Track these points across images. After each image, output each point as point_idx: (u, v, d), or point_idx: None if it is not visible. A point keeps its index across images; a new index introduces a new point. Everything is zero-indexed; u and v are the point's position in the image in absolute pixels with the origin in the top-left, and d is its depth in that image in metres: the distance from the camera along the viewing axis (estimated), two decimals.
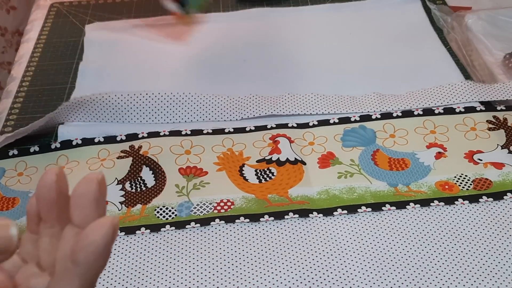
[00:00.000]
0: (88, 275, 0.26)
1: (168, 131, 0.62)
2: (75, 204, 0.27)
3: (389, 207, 0.53)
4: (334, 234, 0.52)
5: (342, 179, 0.56)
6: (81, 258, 0.26)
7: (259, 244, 0.51)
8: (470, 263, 0.49)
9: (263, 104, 0.65)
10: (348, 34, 0.77)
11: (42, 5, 0.88)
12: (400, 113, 0.63)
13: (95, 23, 0.82)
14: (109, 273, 0.49)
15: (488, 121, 0.62)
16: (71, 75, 0.73)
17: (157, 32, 0.79)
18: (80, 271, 0.26)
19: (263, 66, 0.73)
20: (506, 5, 0.80)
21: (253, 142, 0.61)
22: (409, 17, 0.79)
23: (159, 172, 0.58)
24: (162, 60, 0.75)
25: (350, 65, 0.72)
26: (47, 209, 0.28)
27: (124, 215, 0.54)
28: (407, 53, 0.73)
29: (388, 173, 0.57)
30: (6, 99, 0.71)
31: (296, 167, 0.58)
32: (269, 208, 0.54)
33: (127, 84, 0.69)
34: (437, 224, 0.52)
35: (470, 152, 0.58)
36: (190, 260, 0.50)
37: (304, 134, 0.62)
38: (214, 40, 0.78)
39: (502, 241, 0.50)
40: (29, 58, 0.77)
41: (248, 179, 0.57)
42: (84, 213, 0.27)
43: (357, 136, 0.61)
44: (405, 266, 0.49)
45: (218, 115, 0.64)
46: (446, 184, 0.55)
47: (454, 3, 0.82)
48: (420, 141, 0.60)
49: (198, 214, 0.54)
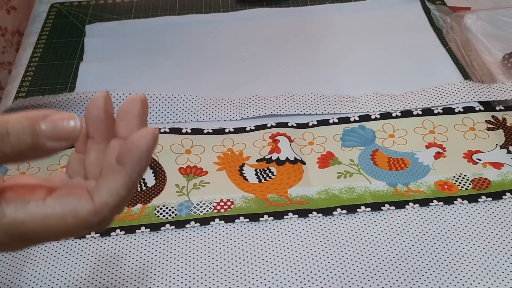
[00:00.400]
0: (131, 175, 0.29)
1: (169, 128, 0.62)
2: (121, 119, 0.31)
3: (388, 207, 0.54)
4: (333, 233, 0.52)
5: (342, 179, 0.56)
6: (126, 159, 0.28)
7: (258, 244, 0.51)
8: (469, 263, 0.49)
9: (263, 104, 0.65)
10: (348, 34, 0.77)
11: (42, 5, 0.88)
12: (399, 113, 0.63)
13: (95, 24, 0.82)
14: (109, 272, 0.50)
15: (487, 121, 0.62)
16: (71, 75, 0.73)
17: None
18: (124, 170, 0.29)
19: (263, 66, 0.73)
20: (506, 5, 0.80)
21: (253, 141, 0.61)
22: (408, 17, 0.80)
23: (160, 172, 0.58)
24: (162, 60, 0.75)
25: (350, 65, 0.72)
26: (95, 127, 0.31)
27: (124, 215, 0.54)
28: (406, 53, 0.73)
29: (387, 173, 0.57)
30: (6, 99, 0.71)
31: (296, 167, 0.58)
32: (269, 208, 0.54)
33: (127, 84, 0.69)
34: (436, 224, 0.52)
35: (469, 152, 0.59)
36: (190, 259, 0.50)
37: (304, 134, 0.62)
38: (214, 40, 0.78)
39: (500, 240, 0.50)
40: (29, 58, 0.77)
41: (248, 179, 0.57)
42: (129, 126, 0.30)
43: (357, 136, 0.61)
44: (405, 266, 0.49)
45: (218, 115, 0.65)
46: (445, 184, 0.55)
47: (454, 3, 0.82)
48: (419, 141, 0.60)
49: (198, 213, 0.54)
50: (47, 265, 0.50)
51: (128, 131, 0.30)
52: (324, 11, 0.83)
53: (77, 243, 0.52)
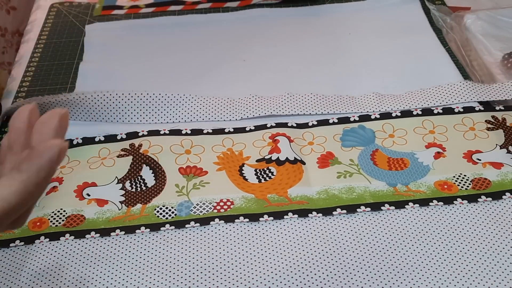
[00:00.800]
0: (27, 183, 0.29)
1: (168, 130, 0.62)
2: (36, 130, 0.31)
3: (388, 207, 0.54)
4: (333, 233, 0.52)
5: (342, 179, 0.56)
6: (25, 166, 0.29)
7: (258, 244, 0.51)
8: (469, 263, 0.49)
9: (262, 104, 0.65)
10: (348, 34, 0.77)
11: (42, 5, 0.88)
12: (399, 113, 0.63)
13: (95, 23, 0.82)
14: (108, 272, 0.50)
15: (487, 121, 0.62)
16: (71, 75, 0.73)
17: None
18: (21, 177, 0.29)
19: (263, 66, 0.73)
20: (506, 5, 0.80)
21: (253, 141, 0.61)
22: (408, 17, 0.80)
23: (159, 172, 0.58)
24: (162, 60, 0.75)
25: (350, 65, 0.72)
26: (15, 137, 0.32)
27: (124, 215, 0.54)
28: (406, 53, 0.73)
29: (387, 173, 0.57)
30: (6, 99, 0.71)
31: (295, 167, 0.58)
32: (269, 208, 0.54)
33: (127, 85, 0.69)
34: (436, 224, 0.52)
35: (469, 152, 0.59)
36: (190, 259, 0.50)
37: (304, 134, 0.62)
38: (214, 40, 0.78)
39: (500, 240, 0.50)
40: (29, 58, 0.77)
41: (248, 179, 0.57)
42: (42, 138, 0.30)
43: (356, 136, 0.61)
44: (404, 266, 0.49)
45: (218, 115, 0.65)
46: (445, 183, 0.55)
47: (453, 3, 0.82)
48: (419, 141, 0.60)
49: (198, 213, 0.54)
50: (47, 265, 0.50)
51: (40, 142, 0.30)
52: (324, 11, 0.83)
53: (77, 243, 0.52)
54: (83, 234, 0.53)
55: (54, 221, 0.54)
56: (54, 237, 0.52)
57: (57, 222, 0.54)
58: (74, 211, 0.55)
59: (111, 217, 0.54)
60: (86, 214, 0.54)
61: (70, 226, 0.53)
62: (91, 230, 0.53)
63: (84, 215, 0.54)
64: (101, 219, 0.54)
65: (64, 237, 0.52)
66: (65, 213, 0.54)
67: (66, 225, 0.53)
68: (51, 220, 0.54)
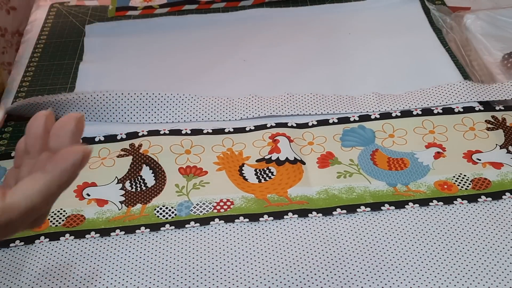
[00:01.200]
0: (50, 184, 0.30)
1: (168, 130, 0.62)
2: (54, 134, 0.32)
3: (388, 207, 0.54)
4: (333, 233, 0.52)
5: (341, 179, 0.56)
6: (50, 167, 0.30)
7: (258, 244, 0.51)
8: (469, 263, 0.49)
9: (262, 104, 0.65)
10: (348, 34, 0.77)
11: (42, 5, 0.88)
12: (399, 113, 0.63)
13: (95, 24, 0.82)
14: (108, 272, 0.50)
15: (486, 121, 0.62)
16: (71, 75, 0.73)
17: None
18: (45, 178, 0.30)
19: (263, 66, 0.73)
20: (505, 5, 0.80)
21: (253, 141, 0.61)
22: (408, 17, 0.80)
23: (159, 172, 0.58)
24: (162, 60, 0.75)
25: (349, 65, 0.72)
26: (32, 142, 0.32)
27: (124, 215, 0.54)
28: (406, 53, 0.73)
29: (387, 173, 0.57)
30: (6, 99, 0.71)
31: (295, 167, 0.58)
32: (269, 208, 0.54)
33: (127, 85, 0.69)
34: (436, 224, 0.52)
35: (469, 152, 0.59)
36: (190, 259, 0.50)
37: (304, 134, 0.62)
38: (214, 40, 0.78)
39: (500, 240, 0.50)
40: (29, 58, 0.77)
41: (248, 179, 0.57)
42: (60, 141, 0.31)
43: (356, 136, 0.61)
44: (404, 266, 0.49)
45: (218, 115, 0.65)
46: (445, 183, 0.55)
47: (453, 3, 0.82)
48: (419, 141, 0.60)
49: (198, 213, 0.54)
50: (47, 265, 0.50)
51: (58, 144, 0.31)
52: (324, 11, 0.83)
53: (77, 243, 0.52)
54: (83, 234, 0.53)
55: (54, 221, 0.54)
56: (54, 237, 0.52)
57: (57, 222, 0.54)
58: (74, 211, 0.55)
59: (111, 217, 0.54)
60: (86, 214, 0.54)
61: (70, 226, 0.53)
62: (91, 230, 0.53)
63: (84, 215, 0.54)
64: (101, 219, 0.54)
65: (64, 237, 0.52)
66: (65, 213, 0.54)
67: (66, 225, 0.53)
68: (51, 220, 0.54)
